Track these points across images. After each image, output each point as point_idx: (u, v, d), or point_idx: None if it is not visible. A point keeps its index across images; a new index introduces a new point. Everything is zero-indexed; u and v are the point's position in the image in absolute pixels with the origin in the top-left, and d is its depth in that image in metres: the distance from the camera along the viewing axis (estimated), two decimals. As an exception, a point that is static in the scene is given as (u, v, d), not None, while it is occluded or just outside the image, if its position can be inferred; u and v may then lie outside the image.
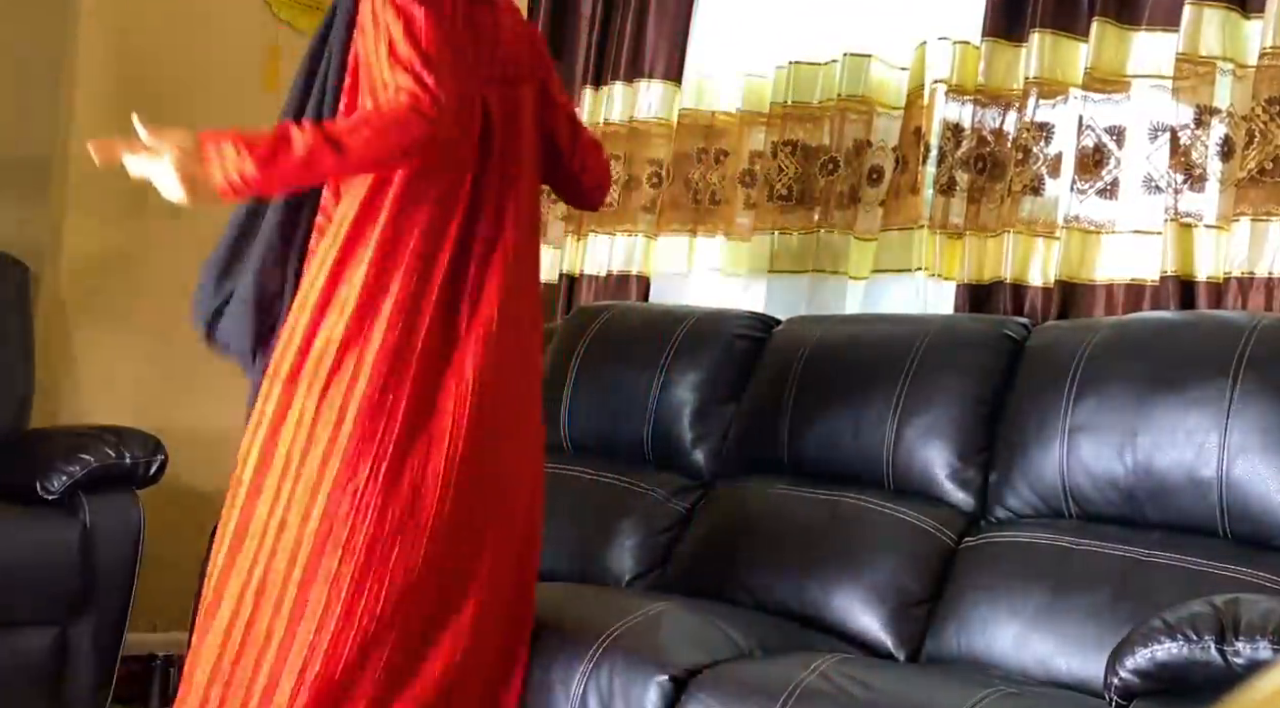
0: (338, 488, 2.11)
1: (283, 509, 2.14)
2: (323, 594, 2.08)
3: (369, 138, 2.08)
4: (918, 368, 2.71)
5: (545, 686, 2.27)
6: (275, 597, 2.11)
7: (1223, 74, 2.70)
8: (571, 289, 3.76)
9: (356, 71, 2.28)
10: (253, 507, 2.17)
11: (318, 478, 2.12)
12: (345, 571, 2.09)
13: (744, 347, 3.07)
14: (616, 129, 3.72)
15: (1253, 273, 2.60)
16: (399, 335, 2.17)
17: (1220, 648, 1.71)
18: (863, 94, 3.30)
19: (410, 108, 2.09)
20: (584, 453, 3.17)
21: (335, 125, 2.12)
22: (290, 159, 2.04)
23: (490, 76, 2.30)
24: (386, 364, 2.16)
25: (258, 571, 2.13)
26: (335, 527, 2.10)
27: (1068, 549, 2.40)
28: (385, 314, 2.17)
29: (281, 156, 2.04)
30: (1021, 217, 2.94)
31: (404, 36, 2.13)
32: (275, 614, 2.10)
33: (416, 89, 2.09)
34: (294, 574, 2.10)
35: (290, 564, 2.11)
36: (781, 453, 2.85)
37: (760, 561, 2.69)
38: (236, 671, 2.11)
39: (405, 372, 2.16)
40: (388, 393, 2.15)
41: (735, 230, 3.50)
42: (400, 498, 2.12)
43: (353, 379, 2.15)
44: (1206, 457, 2.29)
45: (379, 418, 2.14)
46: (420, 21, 2.14)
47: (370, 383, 2.15)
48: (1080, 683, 2.23)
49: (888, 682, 2.15)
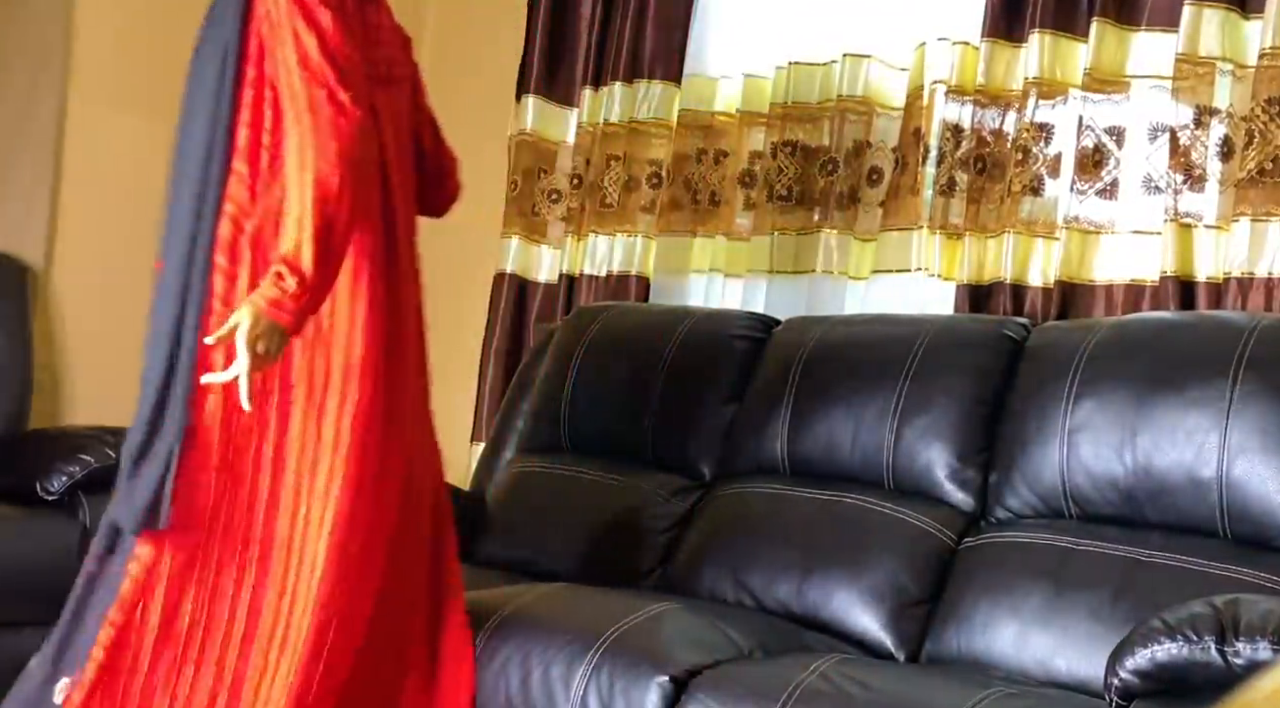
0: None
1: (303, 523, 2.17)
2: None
3: (336, 167, 2.07)
4: (917, 368, 2.72)
5: (546, 686, 2.27)
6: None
7: (1222, 74, 2.71)
8: (571, 290, 3.76)
9: (261, 80, 2.19)
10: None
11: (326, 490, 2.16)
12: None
13: (744, 347, 3.07)
14: (616, 129, 3.72)
15: (1252, 273, 2.60)
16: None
17: (1220, 649, 1.71)
18: (862, 94, 3.30)
19: (333, 124, 2.08)
20: (584, 453, 3.17)
21: (314, 185, 2.07)
22: (325, 249, 2.04)
23: (376, 76, 2.27)
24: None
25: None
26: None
27: (1068, 550, 2.40)
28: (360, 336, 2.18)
29: (319, 256, 2.03)
30: (1021, 217, 2.94)
31: (316, 47, 2.10)
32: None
33: (330, 106, 2.08)
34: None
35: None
36: (781, 453, 2.85)
37: (760, 561, 2.69)
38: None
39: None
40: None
41: (735, 231, 3.51)
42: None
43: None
44: (1206, 457, 2.29)
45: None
46: (329, 29, 2.12)
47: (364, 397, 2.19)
48: (1080, 684, 2.23)
49: (887, 682, 2.15)
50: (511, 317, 3.85)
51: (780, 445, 2.85)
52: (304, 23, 2.11)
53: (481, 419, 3.80)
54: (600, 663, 2.24)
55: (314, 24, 2.11)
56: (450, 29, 4.21)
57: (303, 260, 2.02)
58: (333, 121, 2.07)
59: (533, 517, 3.10)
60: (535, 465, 3.23)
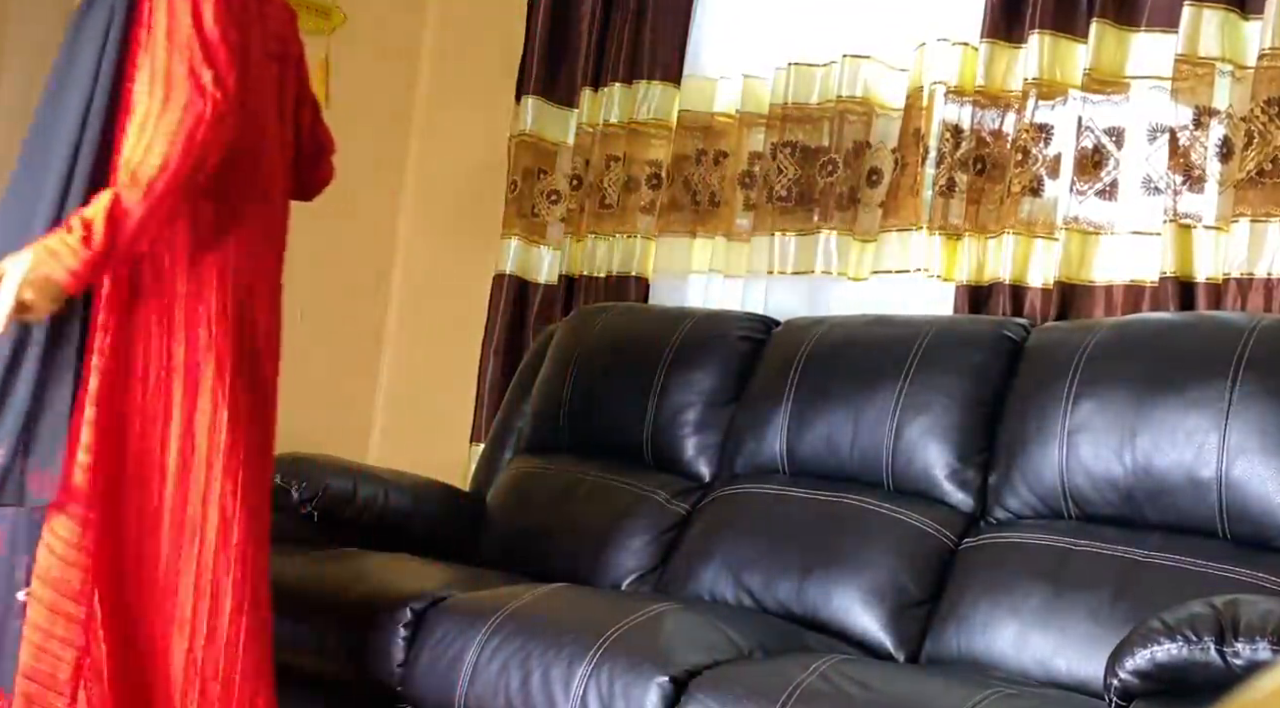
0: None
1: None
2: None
3: (165, 164, 2.02)
4: (917, 369, 2.72)
5: (546, 686, 2.27)
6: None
7: (1222, 75, 2.71)
8: (570, 290, 3.76)
9: (135, 59, 2.14)
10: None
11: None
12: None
13: (743, 348, 3.07)
14: (616, 130, 3.72)
15: (1252, 274, 2.60)
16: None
17: (1220, 649, 1.71)
18: (862, 95, 3.30)
19: (187, 103, 2.03)
20: (583, 454, 3.17)
21: (127, 181, 2.02)
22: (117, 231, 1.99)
23: (266, 52, 2.24)
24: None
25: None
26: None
27: (1067, 550, 2.41)
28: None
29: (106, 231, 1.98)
30: (1021, 218, 2.94)
31: (189, 21, 2.06)
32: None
33: (189, 83, 2.04)
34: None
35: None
36: (781, 454, 2.85)
37: (760, 562, 2.69)
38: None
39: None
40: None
41: (734, 231, 3.51)
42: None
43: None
44: (1206, 457, 2.30)
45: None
46: (208, 5, 2.07)
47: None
48: (1080, 684, 2.23)
49: (887, 683, 2.15)
50: (511, 318, 3.85)
51: (780, 446, 2.85)
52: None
53: (481, 420, 3.80)
54: (600, 663, 2.24)
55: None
56: (450, 29, 4.21)
57: (96, 228, 1.97)
58: (188, 101, 2.04)
59: (532, 517, 3.11)
60: (535, 466, 3.23)
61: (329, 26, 3.93)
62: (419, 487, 3.17)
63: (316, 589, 2.66)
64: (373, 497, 3.03)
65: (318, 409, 3.98)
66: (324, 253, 3.99)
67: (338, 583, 2.67)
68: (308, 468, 2.99)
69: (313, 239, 3.93)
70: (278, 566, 2.85)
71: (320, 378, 3.99)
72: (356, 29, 4.00)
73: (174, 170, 2.02)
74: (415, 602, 2.53)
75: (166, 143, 2.02)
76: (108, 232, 1.98)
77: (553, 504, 3.09)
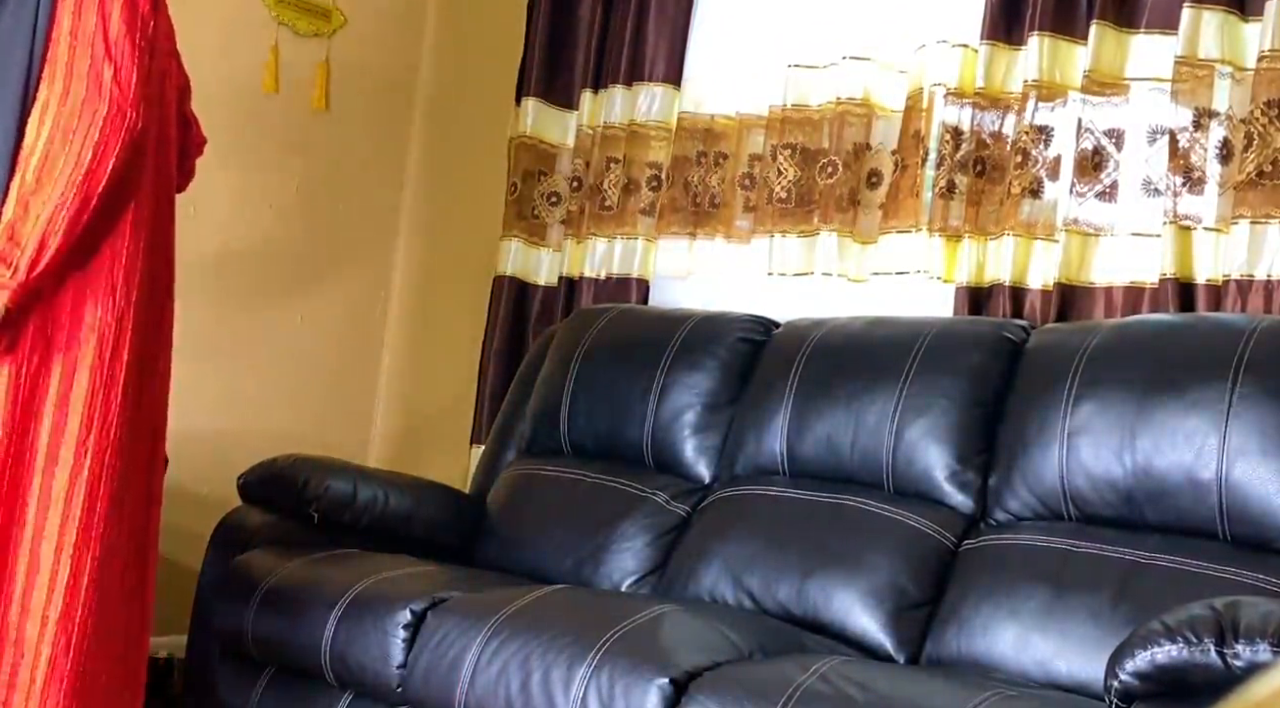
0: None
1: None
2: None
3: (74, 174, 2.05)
4: (917, 370, 2.72)
5: (546, 687, 2.27)
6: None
7: (1221, 77, 2.71)
8: (570, 292, 3.76)
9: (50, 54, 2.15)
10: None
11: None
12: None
13: (743, 349, 3.07)
14: (616, 132, 3.72)
15: (1252, 275, 2.61)
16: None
17: (1220, 651, 1.71)
18: (862, 97, 3.30)
19: (88, 108, 2.06)
20: (583, 456, 3.18)
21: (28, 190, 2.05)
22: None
23: (166, 49, 2.25)
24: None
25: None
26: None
27: (1067, 552, 2.41)
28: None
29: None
30: (1020, 219, 2.95)
31: (95, 17, 2.07)
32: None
33: (93, 86, 2.06)
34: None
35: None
36: (781, 455, 2.85)
37: (760, 563, 2.69)
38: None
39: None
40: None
41: (735, 233, 3.51)
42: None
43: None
44: (1206, 459, 2.30)
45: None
46: (134, 7, 2.09)
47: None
48: (1080, 686, 2.23)
49: (887, 684, 2.15)
50: (511, 319, 3.85)
51: (780, 447, 2.85)
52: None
53: (481, 422, 3.80)
54: (600, 665, 2.24)
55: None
56: (450, 31, 4.21)
57: (27, 246, 2.01)
58: (86, 97, 2.06)
59: (533, 519, 3.11)
60: (535, 468, 3.23)
61: (329, 27, 3.93)
62: (419, 488, 3.17)
63: (316, 590, 2.66)
64: (373, 499, 3.03)
65: (318, 410, 3.98)
66: (324, 254, 3.99)
67: (337, 584, 2.67)
68: (308, 469, 2.99)
69: (313, 240, 3.95)
70: (279, 566, 2.85)
71: (320, 379, 3.99)
72: (356, 29, 4.00)
73: (102, 179, 2.06)
74: (415, 603, 2.53)
75: (89, 153, 2.05)
76: (40, 254, 2.02)
77: (553, 506, 3.09)
